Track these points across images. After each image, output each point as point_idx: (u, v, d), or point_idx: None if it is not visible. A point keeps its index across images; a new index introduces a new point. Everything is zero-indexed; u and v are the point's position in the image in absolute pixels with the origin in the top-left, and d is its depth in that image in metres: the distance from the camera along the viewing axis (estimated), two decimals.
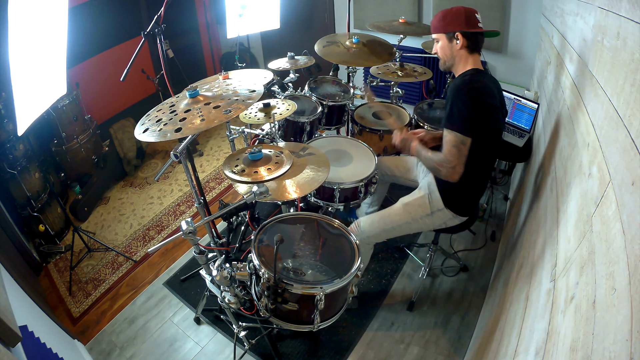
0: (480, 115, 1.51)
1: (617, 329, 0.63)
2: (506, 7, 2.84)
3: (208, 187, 3.20)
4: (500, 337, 1.39)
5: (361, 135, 2.37)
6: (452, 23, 1.59)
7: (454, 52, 1.63)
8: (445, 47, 1.64)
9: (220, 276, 1.50)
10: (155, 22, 1.53)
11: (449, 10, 1.60)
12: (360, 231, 1.84)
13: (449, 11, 1.60)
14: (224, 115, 1.26)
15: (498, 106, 1.59)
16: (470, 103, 1.50)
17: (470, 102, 1.50)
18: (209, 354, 1.98)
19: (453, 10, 1.59)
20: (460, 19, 1.57)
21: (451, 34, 1.60)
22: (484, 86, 1.55)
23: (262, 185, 1.47)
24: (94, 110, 3.16)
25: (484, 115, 1.52)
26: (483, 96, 1.52)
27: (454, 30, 1.59)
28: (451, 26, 1.59)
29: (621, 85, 0.92)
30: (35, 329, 1.41)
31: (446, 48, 1.64)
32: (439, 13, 1.64)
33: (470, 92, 1.51)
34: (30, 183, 2.48)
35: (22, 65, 1.66)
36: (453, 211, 1.75)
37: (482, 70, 1.62)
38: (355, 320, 2.07)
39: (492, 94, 1.57)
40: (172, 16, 3.41)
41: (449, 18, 1.59)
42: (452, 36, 1.60)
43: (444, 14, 1.61)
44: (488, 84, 1.58)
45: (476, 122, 1.50)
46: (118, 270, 2.50)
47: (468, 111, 1.49)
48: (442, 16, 1.61)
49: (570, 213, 1.11)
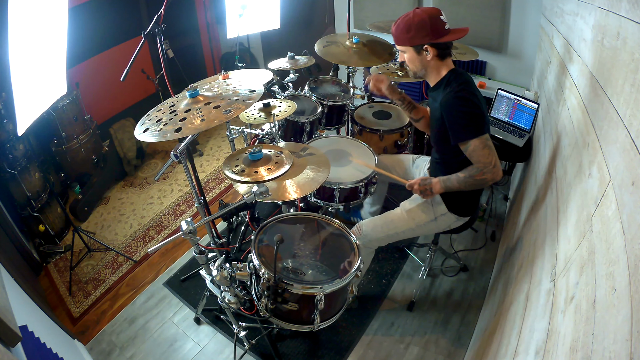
0: (482, 111, 1.51)
1: (617, 329, 0.63)
2: (506, 7, 2.84)
3: (208, 187, 3.20)
4: (500, 337, 1.39)
5: (361, 135, 2.37)
6: (417, 35, 1.49)
7: (425, 64, 1.56)
8: (414, 59, 1.56)
9: (220, 276, 1.50)
10: (155, 22, 1.52)
11: (411, 20, 1.48)
12: (363, 235, 1.82)
13: (411, 21, 1.48)
14: (224, 115, 1.26)
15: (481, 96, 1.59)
16: (469, 106, 1.49)
17: (469, 105, 1.49)
18: (209, 354, 1.98)
19: (415, 20, 1.47)
20: (426, 29, 1.47)
21: (419, 47, 1.52)
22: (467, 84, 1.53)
23: (262, 185, 1.47)
24: (94, 110, 3.15)
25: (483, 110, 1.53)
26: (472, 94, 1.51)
27: (422, 43, 1.50)
28: (417, 39, 1.50)
29: (621, 85, 0.92)
30: (35, 329, 1.41)
31: (415, 60, 1.56)
32: (400, 23, 1.52)
33: (464, 98, 1.49)
34: (30, 183, 2.48)
35: (22, 65, 1.66)
36: (456, 214, 1.74)
37: (457, 70, 1.58)
38: (355, 320, 2.07)
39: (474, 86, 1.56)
40: (172, 16, 3.42)
41: (413, 30, 1.48)
42: (420, 49, 1.52)
43: (406, 26, 1.49)
44: (468, 80, 1.56)
45: (482, 118, 1.51)
46: (118, 270, 2.50)
47: (473, 113, 1.49)
48: (404, 28, 1.50)
49: (570, 213, 1.11)
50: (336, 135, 2.74)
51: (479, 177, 1.52)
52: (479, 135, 1.48)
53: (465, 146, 1.51)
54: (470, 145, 1.50)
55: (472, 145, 1.49)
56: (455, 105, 1.50)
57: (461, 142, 1.52)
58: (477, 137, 1.48)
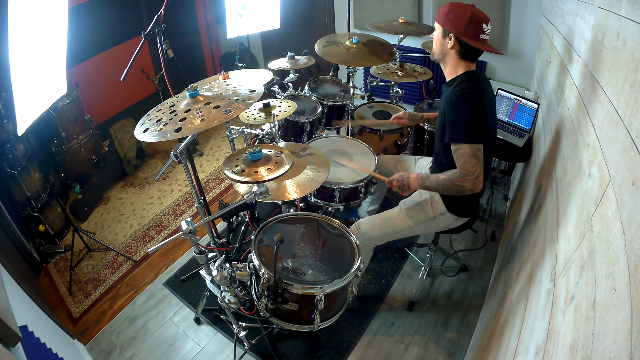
0: (483, 119, 1.49)
1: (617, 329, 0.63)
2: (506, 7, 2.84)
3: (208, 187, 3.20)
4: (500, 337, 1.39)
5: (361, 135, 2.37)
6: (452, 21, 1.50)
7: (444, 50, 1.58)
8: (439, 40, 1.58)
9: (220, 276, 1.50)
10: (155, 22, 1.52)
11: (458, 6, 1.50)
12: (362, 233, 1.82)
13: (457, 7, 1.50)
14: (224, 115, 1.26)
15: (493, 104, 1.59)
16: (472, 111, 1.47)
17: (472, 111, 1.47)
18: (209, 354, 1.98)
19: (460, 8, 1.49)
20: (462, 21, 1.48)
21: (447, 32, 1.53)
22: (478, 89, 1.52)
23: (262, 185, 1.47)
24: (94, 110, 3.16)
25: (485, 118, 1.51)
26: (479, 100, 1.49)
27: (450, 29, 1.51)
28: (449, 24, 1.51)
29: (621, 85, 0.92)
30: (35, 329, 1.41)
31: (439, 41, 1.58)
32: (449, 4, 1.53)
33: (470, 101, 1.48)
34: (30, 183, 2.48)
35: (22, 65, 1.66)
36: (455, 214, 1.74)
37: (475, 73, 1.57)
38: (355, 320, 2.07)
39: (486, 93, 1.55)
40: (172, 16, 3.42)
41: (452, 14, 1.50)
42: (447, 33, 1.53)
43: (450, 8, 1.51)
44: (482, 85, 1.55)
45: (482, 127, 1.49)
46: (118, 270, 2.50)
47: (474, 120, 1.47)
48: (448, 9, 1.52)
49: (570, 213, 1.11)
50: (336, 135, 2.74)
51: (459, 182, 1.51)
52: (472, 142, 1.47)
53: (456, 147, 1.51)
54: (460, 148, 1.49)
55: (462, 149, 1.49)
56: (458, 105, 1.50)
57: (453, 142, 1.52)
58: (470, 144, 1.47)
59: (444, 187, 1.56)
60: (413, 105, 2.53)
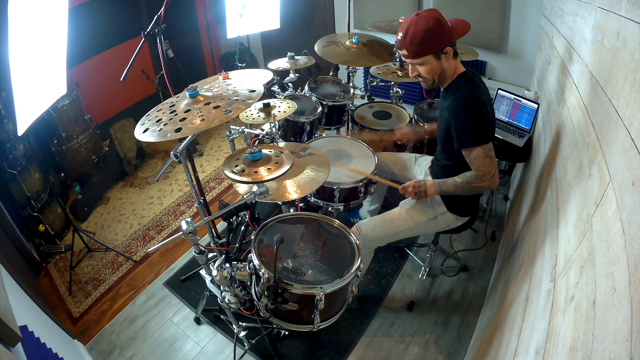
0: (488, 118, 1.51)
1: (617, 329, 0.63)
2: (506, 7, 2.84)
3: (208, 187, 3.20)
4: (500, 337, 1.39)
5: (361, 135, 2.37)
6: (439, 40, 1.45)
7: (444, 67, 1.52)
8: (434, 67, 1.51)
9: (220, 276, 1.50)
10: (155, 22, 1.52)
11: (427, 26, 1.43)
12: (363, 235, 1.82)
13: (428, 27, 1.42)
14: (224, 115, 1.26)
15: (490, 99, 1.59)
16: (477, 114, 1.48)
17: (477, 114, 1.48)
18: (209, 354, 1.98)
19: (431, 25, 1.43)
20: (445, 31, 1.45)
21: (440, 51, 1.48)
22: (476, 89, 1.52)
23: (262, 185, 1.47)
24: (94, 110, 3.15)
25: (489, 116, 1.52)
26: (480, 100, 1.50)
27: (443, 46, 1.46)
28: (437, 44, 1.46)
29: (621, 85, 0.92)
30: (35, 329, 1.41)
31: (435, 68, 1.51)
32: (415, 34, 1.44)
33: (472, 104, 1.49)
34: (30, 183, 2.48)
35: (22, 65, 1.66)
36: (455, 213, 1.75)
37: (467, 73, 1.56)
38: (355, 320, 2.07)
39: (482, 90, 1.55)
40: (172, 16, 3.41)
41: (435, 36, 1.44)
42: (440, 53, 1.48)
43: (426, 34, 1.43)
44: (477, 83, 1.55)
45: (488, 126, 1.51)
46: (118, 270, 2.50)
47: (480, 122, 1.49)
48: (424, 37, 1.43)
49: (570, 213, 1.11)
50: (336, 135, 2.74)
51: (477, 184, 1.54)
52: (482, 143, 1.48)
53: (468, 152, 1.52)
54: (473, 152, 1.51)
55: (474, 153, 1.50)
56: (463, 112, 1.50)
57: (464, 148, 1.52)
58: (481, 145, 1.48)
59: (463, 189, 1.59)
60: (413, 106, 2.52)
